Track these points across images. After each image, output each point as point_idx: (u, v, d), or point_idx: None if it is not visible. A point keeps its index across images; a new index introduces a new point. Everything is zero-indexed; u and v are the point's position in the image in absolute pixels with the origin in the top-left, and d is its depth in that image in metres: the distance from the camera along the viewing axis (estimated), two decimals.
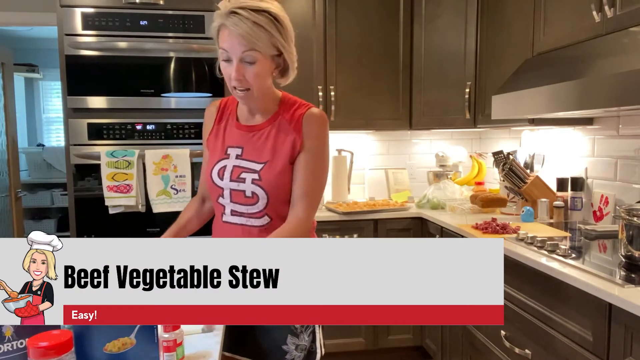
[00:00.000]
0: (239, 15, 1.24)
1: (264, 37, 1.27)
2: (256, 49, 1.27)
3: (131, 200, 2.49)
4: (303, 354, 1.44)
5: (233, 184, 1.39)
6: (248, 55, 1.27)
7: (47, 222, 4.97)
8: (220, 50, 1.30)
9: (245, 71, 1.29)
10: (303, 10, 2.97)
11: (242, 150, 1.40)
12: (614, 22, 1.78)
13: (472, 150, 3.54)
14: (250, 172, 1.37)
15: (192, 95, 2.59)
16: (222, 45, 1.28)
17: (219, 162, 1.42)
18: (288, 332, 1.43)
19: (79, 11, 2.47)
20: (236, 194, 1.39)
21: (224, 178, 1.40)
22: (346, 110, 3.08)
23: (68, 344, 0.75)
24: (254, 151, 1.39)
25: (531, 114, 2.05)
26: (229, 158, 1.41)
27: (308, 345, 1.45)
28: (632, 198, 2.15)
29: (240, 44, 1.25)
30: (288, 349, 1.43)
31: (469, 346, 2.35)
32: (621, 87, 1.52)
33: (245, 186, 1.37)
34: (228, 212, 1.42)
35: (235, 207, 1.41)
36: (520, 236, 1.99)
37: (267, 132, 1.40)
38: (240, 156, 1.40)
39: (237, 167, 1.39)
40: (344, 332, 2.90)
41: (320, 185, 1.42)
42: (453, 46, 2.99)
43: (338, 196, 3.21)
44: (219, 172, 1.41)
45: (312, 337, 1.46)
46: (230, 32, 1.26)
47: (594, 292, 1.43)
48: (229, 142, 1.43)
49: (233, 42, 1.26)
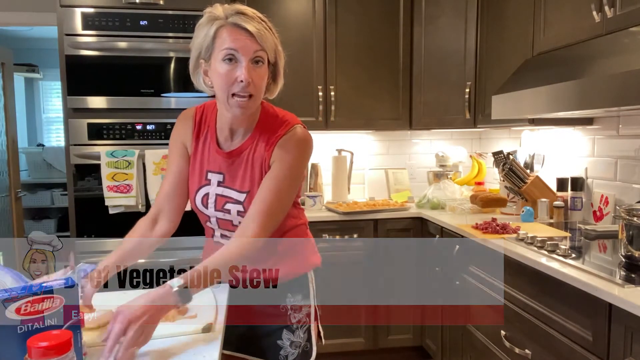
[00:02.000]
0: (247, 15, 1.20)
1: (270, 39, 1.23)
2: (265, 49, 1.22)
3: (131, 200, 2.49)
4: (297, 352, 1.45)
5: (219, 214, 1.36)
6: (258, 56, 1.21)
7: (47, 222, 4.98)
8: (222, 51, 1.20)
9: (254, 73, 1.21)
10: (303, 10, 2.98)
11: (223, 176, 1.34)
12: (614, 22, 1.78)
13: (472, 150, 3.54)
14: (235, 203, 1.33)
15: (192, 95, 2.59)
16: (231, 45, 1.19)
17: (201, 188, 1.36)
18: (284, 327, 1.44)
19: (79, 11, 2.47)
20: (223, 222, 1.38)
21: (208, 206, 1.36)
22: (346, 110, 3.08)
23: (68, 344, 0.75)
24: (235, 180, 1.33)
25: (531, 114, 2.06)
26: (210, 184, 1.35)
27: (303, 344, 1.47)
28: (632, 198, 2.15)
29: (253, 43, 1.19)
30: (283, 344, 1.44)
31: (469, 346, 2.35)
32: (621, 87, 1.52)
33: (231, 217, 1.35)
34: (218, 235, 1.42)
35: (224, 232, 1.41)
36: (520, 236, 1.99)
37: (246, 156, 1.32)
38: (222, 183, 1.34)
39: (220, 196, 1.34)
40: (344, 332, 2.90)
41: (281, 206, 1.30)
42: (453, 46, 2.99)
43: (338, 196, 3.21)
44: (202, 200, 1.37)
45: (307, 336, 1.48)
46: (240, 31, 1.19)
47: (594, 292, 1.43)
48: (209, 167, 1.35)
49: (245, 41, 1.19)
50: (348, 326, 2.91)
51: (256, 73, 1.22)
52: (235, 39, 1.19)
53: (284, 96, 2.08)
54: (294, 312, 1.45)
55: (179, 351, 1.03)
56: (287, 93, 1.48)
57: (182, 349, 1.04)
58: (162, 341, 1.08)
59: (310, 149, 1.36)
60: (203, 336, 1.11)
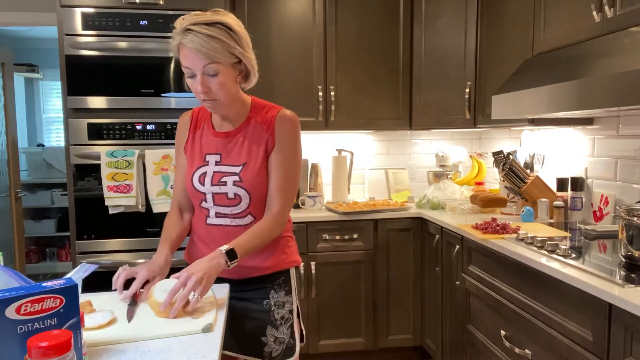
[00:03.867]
0: (193, 32, 1.30)
1: (220, 48, 1.31)
2: (216, 60, 1.31)
3: (131, 200, 2.49)
4: (281, 348, 1.50)
5: (215, 188, 1.44)
6: (209, 68, 1.32)
7: (47, 222, 4.98)
8: (184, 68, 1.34)
9: (210, 83, 1.34)
10: (303, 10, 2.98)
11: (220, 156, 1.47)
12: (614, 22, 1.78)
13: (472, 150, 3.54)
14: (231, 175, 1.44)
15: (192, 95, 2.57)
16: (184, 63, 1.33)
17: (199, 168, 1.48)
18: (267, 324, 1.49)
19: (79, 11, 2.47)
20: (219, 197, 1.45)
21: (205, 183, 1.45)
22: (346, 110, 3.08)
23: (68, 344, 0.75)
24: (232, 156, 1.46)
25: (531, 114, 2.05)
26: (208, 165, 1.47)
27: (287, 340, 1.51)
28: (632, 198, 2.15)
29: (200, 59, 1.30)
30: (267, 340, 1.49)
31: (469, 346, 2.35)
32: (621, 87, 1.52)
33: (227, 189, 1.43)
34: (212, 215, 1.48)
35: (219, 209, 1.47)
36: (520, 236, 1.99)
37: (242, 136, 1.47)
38: (220, 162, 1.46)
39: (217, 172, 1.45)
40: (344, 332, 2.90)
41: (293, 182, 1.49)
42: (453, 46, 2.99)
43: (338, 196, 3.21)
44: (199, 178, 1.46)
45: (290, 332, 1.53)
46: (188, 50, 1.31)
47: (594, 292, 1.43)
48: (207, 150, 1.49)
49: (193, 59, 1.31)
50: (348, 326, 2.91)
51: (212, 82, 1.34)
52: (185, 58, 1.33)
53: (284, 96, 2.12)
54: (277, 308, 1.51)
55: (179, 351, 1.03)
56: (287, 93, 1.49)
57: (182, 349, 1.04)
58: (162, 341, 1.08)
59: (299, 126, 1.53)
60: (203, 336, 1.11)
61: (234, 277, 1.49)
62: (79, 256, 2.52)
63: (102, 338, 1.08)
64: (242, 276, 1.49)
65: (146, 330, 1.13)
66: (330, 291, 2.85)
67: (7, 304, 0.82)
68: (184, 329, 1.14)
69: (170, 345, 1.06)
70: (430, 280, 2.83)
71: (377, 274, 2.91)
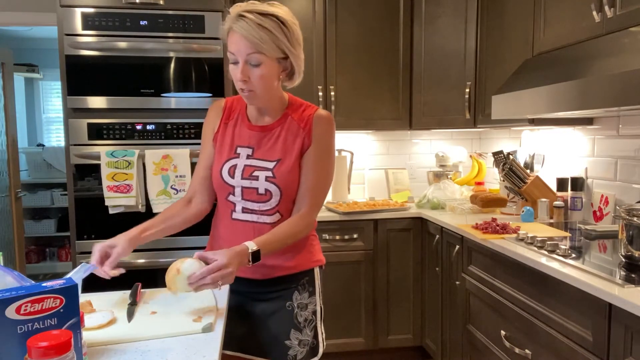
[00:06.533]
0: (245, 19, 1.28)
1: (267, 39, 1.29)
2: (261, 51, 1.30)
3: (131, 200, 2.49)
4: (306, 349, 1.45)
5: (245, 182, 1.41)
6: (253, 57, 1.30)
7: (47, 222, 4.98)
8: (229, 53, 1.33)
9: (251, 73, 1.32)
10: (303, 10, 2.98)
11: (252, 150, 1.43)
12: (614, 22, 1.78)
13: (472, 150, 3.54)
14: (264, 170, 1.41)
15: (192, 95, 2.59)
16: (230, 48, 1.32)
17: (229, 160, 1.44)
18: (291, 327, 1.44)
19: (79, 11, 2.47)
20: (248, 191, 1.42)
21: (235, 176, 1.42)
22: (346, 110, 3.08)
23: (68, 344, 0.75)
24: (265, 151, 1.43)
25: (531, 114, 2.05)
26: (239, 157, 1.43)
27: (310, 341, 1.47)
28: (632, 198, 2.15)
29: (246, 46, 1.29)
30: (291, 344, 1.44)
31: (469, 346, 2.35)
32: (621, 87, 1.52)
33: (258, 184, 1.40)
34: (239, 210, 1.44)
35: (247, 204, 1.43)
36: (520, 236, 1.99)
37: (278, 132, 1.44)
38: (252, 156, 1.43)
39: (248, 166, 1.42)
40: (344, 332, 2.90)
41: (325, 183, 1.46)
42: (453, 46, 2.99)
43: (338, 196, 3.21)
44: (229, 171, 1.43)
45: (314, 332, 1.48)
46: (236, 35, 1.30)
47: (594, 292, 1.43)
48: (239, 142, 1.45)
49: (239, 44, 1.30)
50: (348, 326, 2.91)
51: (253, 72, 1.32)
52: (232, 43, 1.32)
53: None
54: (300, 310, 1.46)
55: (179, 351, 1.03)
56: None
57: (182, 349, 1.04)
58: (162, 341, 1.08)
59: (335, 127, 1.50)
60: (203, 336, 1.11)
61: (257, 277, 1.45)
62: (79, 256, 2.52)
63: (102, 338, 1.08)
64: (265, 276, 1.45)
65: (146, 330, 1.13)
66: (330, 291, 2.85)
67: (7, 304, 0.82)
68: (184, 329, 1.14)
69: (170, 345, 1.06)
70: (430, 280, 2.83)
71: (377, 274, 2.91)
